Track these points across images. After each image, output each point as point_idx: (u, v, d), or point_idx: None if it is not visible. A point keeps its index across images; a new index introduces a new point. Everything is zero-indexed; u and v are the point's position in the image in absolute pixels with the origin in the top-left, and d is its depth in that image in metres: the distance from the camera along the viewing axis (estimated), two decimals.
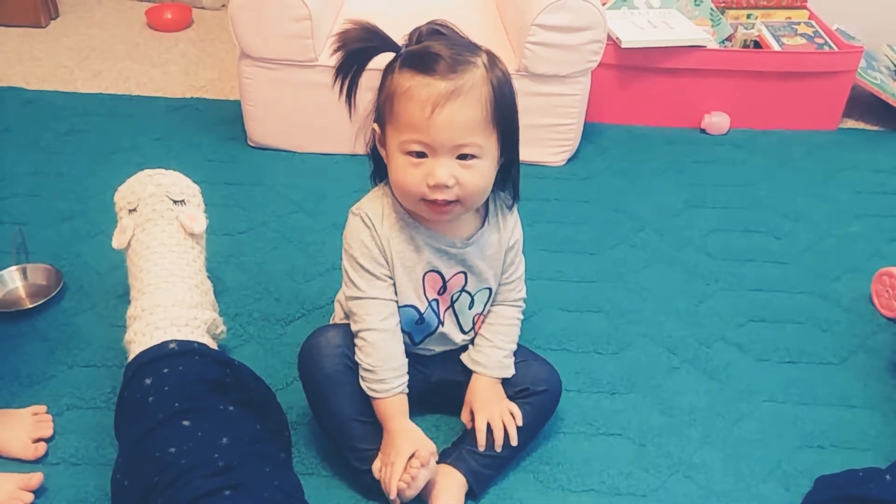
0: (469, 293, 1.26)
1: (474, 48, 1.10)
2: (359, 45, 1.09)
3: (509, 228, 1.25)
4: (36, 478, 1.21)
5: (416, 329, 1.27)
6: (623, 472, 1.31)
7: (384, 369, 1.19)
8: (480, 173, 1.10)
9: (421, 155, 1.08)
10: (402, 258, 1.19)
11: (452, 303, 1.26)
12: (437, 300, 1.25)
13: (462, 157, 1.07)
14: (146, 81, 2.47)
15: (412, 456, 1.16)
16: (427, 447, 1.17)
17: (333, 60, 1.11)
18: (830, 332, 1.63)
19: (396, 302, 1.21)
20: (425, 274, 1.21)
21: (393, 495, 1.16)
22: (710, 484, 1.30)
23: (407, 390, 1.21)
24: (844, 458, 1.36)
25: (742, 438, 1.39)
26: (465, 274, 1.23)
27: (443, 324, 1.27)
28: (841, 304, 1.71)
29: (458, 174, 1.07)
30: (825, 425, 1.42)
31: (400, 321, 1.22)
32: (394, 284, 1.20)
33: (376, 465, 1.20)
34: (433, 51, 1.06)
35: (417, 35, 1.11)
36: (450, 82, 1.04)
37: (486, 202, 1.22)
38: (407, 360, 1.23)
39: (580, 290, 1.71)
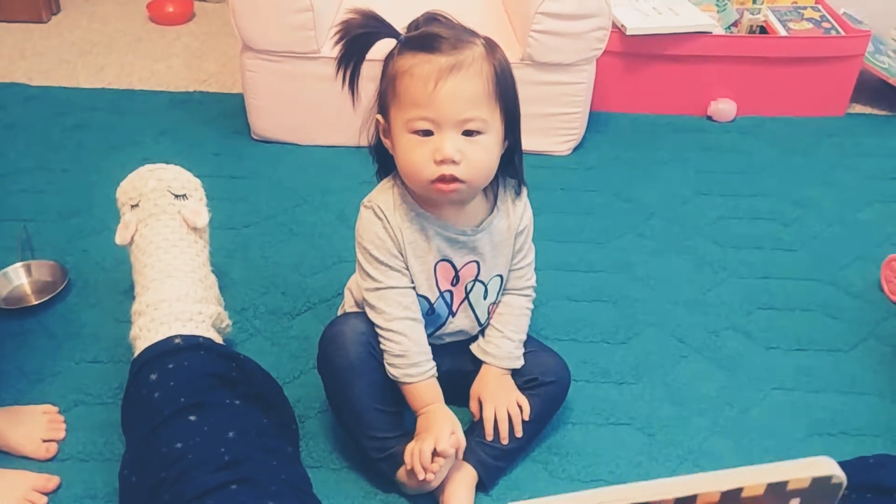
0: (482, 283, 1.25)
1: (473, 33, 1.11)
2: (360, 31, 1.09)
3: (518, 214, 1.24)
4: (53, 481, 1.20)
5: (426, 320, 1.25)
6: (633, 461, 1.31)
7: (416, 353, 1.19)
8: (486, 149, 1.09)
9: (427, 134, 1.07)
10: (413, 248, 1.18)
11: (467, 294, 1.25)
12: (450, 292, 1.24)
13: (468, 133, 1.07)
14: (149, 76, 2.46)
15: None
16: (460, 434, 1.16)
17: (336, 50, 1.11)
18: (840, 320, 1.62)
19: (414, 289, 1.21)
20: (437, 264, 1.20)
21: (425, 474, 1.14)
22: None
23: (437, 374, 1.22)
24: (855, 445, 1.35)
25: (752, 427, 1.38)
26: (476, 263, 1.23)
27: (454, 315, 1.26)
28: (850, 291, 1.70)
29: (464, 149, 1.07)
30: (835, 413, 1.41)
31: None
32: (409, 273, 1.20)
33: (409, 446, 1.17)
34: (433, 32, 1.07)
35: (416, 24, 1.11)
36: (451, 57, 1.05)
37: (496, 189, 1.21)
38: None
39: (588, 279, 1.70)
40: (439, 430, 1.14)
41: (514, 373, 1.29)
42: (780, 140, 2.27)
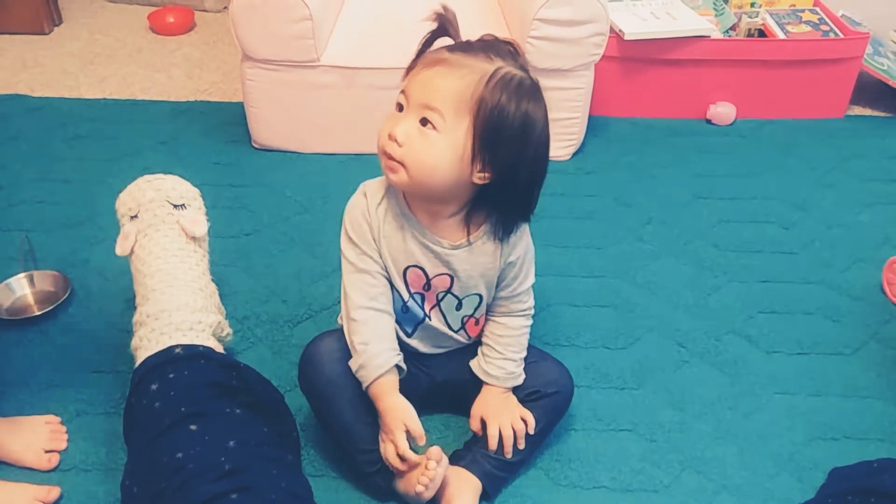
0: (456, 296, 1.25)
1: (512, 62, 1.09)
2: (445, 23, 1.12)
3: (510, 243, 1.21)
4: (55, 491, 1.21)
5: (403, 317, 1.26)
6: (634, 468, 1.31)
7: (376, 342, 1.17)
8: (430, 145, 1.07)
9: (401, 110, 1.10)
10: (388, 242, 1.19)
11: (438, 301, 1.25)
12: (421, 295, 1.24)
13: (423, 121, 1.08)
14: (150, 86, 2.47)
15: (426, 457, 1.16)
16: (416, 429, 1.14)
17: (427, 28, 1.13)
18: (841, 323, 1.62)
19: (388, 280, 1.21)
20: (407, 268, 1.21)
21: (399, 465, 1.16)
22: (723, 479, 1.29)
23: (405, 368, 1.20)
24: (858, 449, 1.35)
25: (754, 432, 1.38)
26: (450, 277, 1.22)
27: (429, 318, 1.27)
28: (851, 294, 1.70)
29: (412, 136, 1.08)
30: (838, 416, 1.41)
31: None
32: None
33: (381, 447, 1.19)
34: (472, 41, 1.11)
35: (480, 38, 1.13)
36: (453, 56, 1.07)
37: (484, 217, 1.19)
38: (405, 355, 1.22)
39: (588, 285, 1.70)
40: (395, 434, 1.14)
41: (516, 385, 1.29)
42: (779, 143, 2.27)
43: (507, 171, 1.11)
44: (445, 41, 1.13)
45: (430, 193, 1.14)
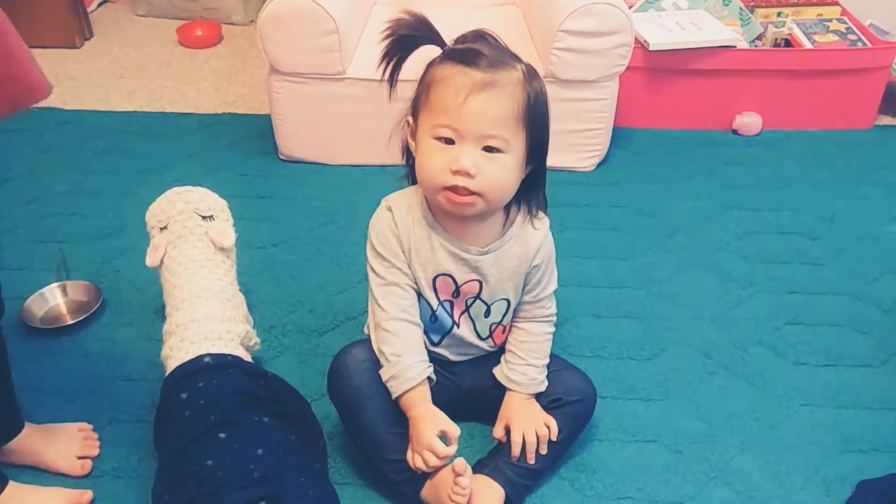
0: (484, 302, 1.26)
1: (516, 57, 1.12)
2: (407, 32, 1.12)
3: (535, 244, 1.23)
4: (87, 495, 1.24)
5: (431, 327, 1.27)
6: (660, 479, 1.30)
7: (408, 353, 1.19)
8: (503, 167, 1.10)
9: (449, 142, 1.09)
10: (417, 253, 1.20)
11: (467, 307, 1.26)
12: (450, 302, 1.25)
13: (487, 149, 1.08)
14: (178, 99, 2.51)
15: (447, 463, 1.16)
16: (451, 429, 1.15)
17: (382, 46, 1.13)
18: (869, 335, 1.60)
19: (416, 291, 1.22)
20: (436, 277, 1.22)
21: (427, 469, 1.16)
22: (749, 490, 1.29)
23: (434, 378, 1.22)
24: (886, 461, 1.33)
25: (781, 444, 1.37)
26: (479, 282, 1.23)
27: (458, 325, 1.28)
28: (880, 306, 1.68)
29: (481, 164, 1.08)
30: (865, 429, 1.40)
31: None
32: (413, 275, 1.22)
33: (408, 455, 1.19)
34: (476, 48, 1.10)
35: (463, 38, 1.13)
36: (487, 74, 1.07)
37: (509, 213, 1.21)
38: (432, 364, 1.23)
39: (613, 295, 1.70)
40: (428, 441, 1.14)
41: (538, 393, 1.29)
42: (806, 153, 2.26)
43: (542, 155, 1.16)
44: (431, 49, 1.12)
45: (493, 209, 1.16)
